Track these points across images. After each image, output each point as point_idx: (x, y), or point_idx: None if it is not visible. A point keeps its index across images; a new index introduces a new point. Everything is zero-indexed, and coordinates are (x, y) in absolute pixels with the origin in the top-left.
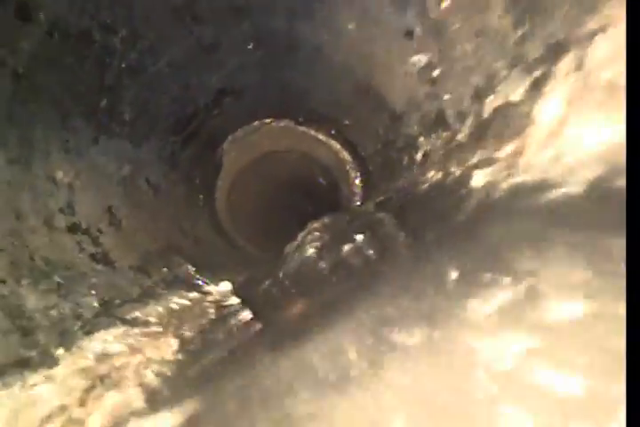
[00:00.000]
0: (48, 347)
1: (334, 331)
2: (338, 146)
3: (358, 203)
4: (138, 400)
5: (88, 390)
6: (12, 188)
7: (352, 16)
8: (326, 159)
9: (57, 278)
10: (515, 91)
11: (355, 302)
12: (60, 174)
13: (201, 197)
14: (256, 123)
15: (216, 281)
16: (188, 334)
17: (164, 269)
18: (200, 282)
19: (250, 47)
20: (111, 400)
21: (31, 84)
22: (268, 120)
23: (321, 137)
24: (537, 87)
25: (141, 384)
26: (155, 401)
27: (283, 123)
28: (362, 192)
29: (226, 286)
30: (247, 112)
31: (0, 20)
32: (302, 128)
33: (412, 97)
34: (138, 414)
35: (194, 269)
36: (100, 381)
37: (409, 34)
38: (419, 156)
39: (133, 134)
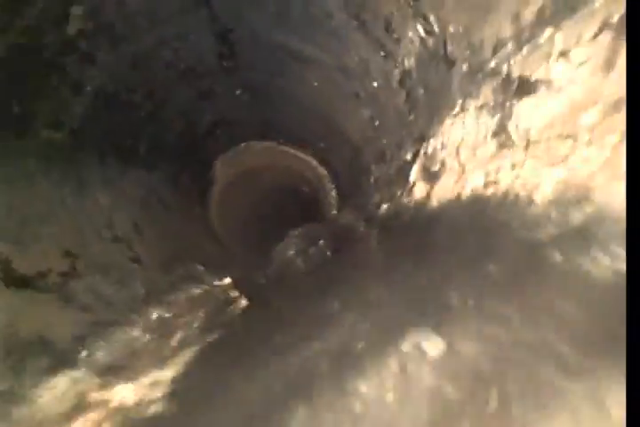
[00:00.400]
0: (128, 313)
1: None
2: (315, 162)
3: (334, 212)
4: (193, 332)
5: (162, 336)
6: (75, 212)
7: (315, 77)
8: (306, 173)
9: (115, 275)
10: (408, 153)
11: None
12: (101, 200)
13: (197, 209)
14: (242, 145)
15: (220, 277)
16: (210, 308)
17: (180, 269)
18: (208, 279)
19: (238, 93)
20: (178, 335)
21: (82, 137)
22: (252, 142)
23: (300, 155)
24: (416, 156)
25: (191, 327)
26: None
27: (266, 144)
28: (337, 201)
29: (228, 280)
30: (235, 138)
31: (60, 93)
32: (283, 148)
33: (364, 136)
34: (191, 337)
35: (202, 268)
36: (165, 329)
37: (356, 95)
38: (372, 180)
39: (147, 164)
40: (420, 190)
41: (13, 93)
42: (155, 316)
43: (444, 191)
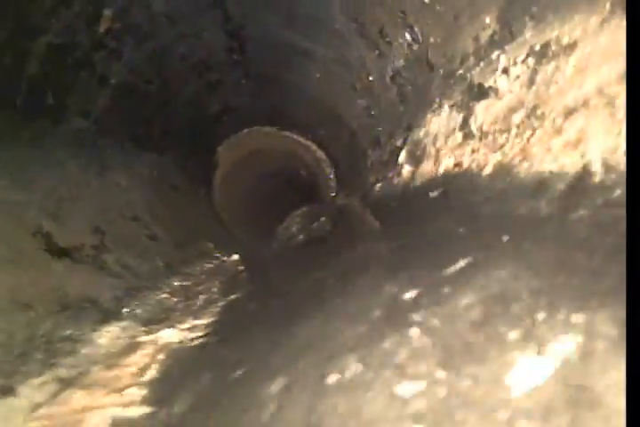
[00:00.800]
0: (153, 281)
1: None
2: (315, 147)
3: (333, 194)
4: (214, 295)
5: (187, 298)
6: (98, 193)
7: (318, 70)
8: (305, 157)
9: (137, 249)
10: (398, 140)
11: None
12: (121, 182)
13: (203, 191)
14: (246, 130)
15: (229, 254)
16: (224, 279)
17: (192, 246)
18: (217, 255)
19: (244, 82)
20: (202, 297)
21: (104, 125)
22: (256, 128)
23: (301, 140)
24: (404, 143)
25: (211, 291)
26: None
27: (268, 129)
28: (335, 184)
29: (235, 257)
30: (240, 123)
31: (87, 86)
32: (285, 133)
33: (361, 123)
34: (212, 299)
35: (211, 245)
36: (188, 293)
37: (353, 87)
38: (368, 163)
39: (159, 148)
40: (406, 172)
41: (50, 87)
42: (176, 284)
43: (424, 172)
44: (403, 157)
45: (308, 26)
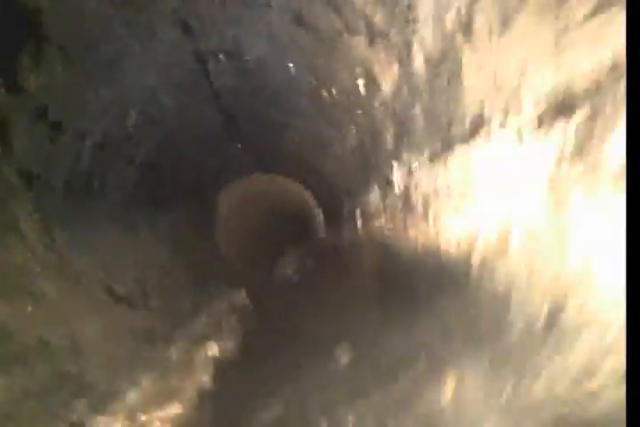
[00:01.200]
0: (186, 319)
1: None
2: (301, 188)
3: (322, 234)
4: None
5: (214, 328)
6: (134, 251)
7: (297, 137)
8: (295, 198)
9: (168, 294)
10: (363, 197)
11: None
12: (148, 239)
13: (208, 236)
14: (238, 180)
15: (238, 291)
16: (237, 315)
17: (208, 289)
18: (228, 294)
19: (238, 146)
20: (225, 329)
21: (133, 196)
22: (250, 175)
23: (288, 182)
24: (361, 202)
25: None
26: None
27: (268, 176)
28: (324, 223)
29: (243, 294)
30: (235, 176)
31: (120, 168)
32: (274, 177)
33: (334, 178)
34: (235, 329)
35: (224, 286)
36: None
37: (324, 153)
38: (345, 212)
39: (172, 207)
40: (357, 227)
41: (95, 173)
42: (203, 320)
43: (371, 232)
44: (358, 213)
45: (289, 111)
